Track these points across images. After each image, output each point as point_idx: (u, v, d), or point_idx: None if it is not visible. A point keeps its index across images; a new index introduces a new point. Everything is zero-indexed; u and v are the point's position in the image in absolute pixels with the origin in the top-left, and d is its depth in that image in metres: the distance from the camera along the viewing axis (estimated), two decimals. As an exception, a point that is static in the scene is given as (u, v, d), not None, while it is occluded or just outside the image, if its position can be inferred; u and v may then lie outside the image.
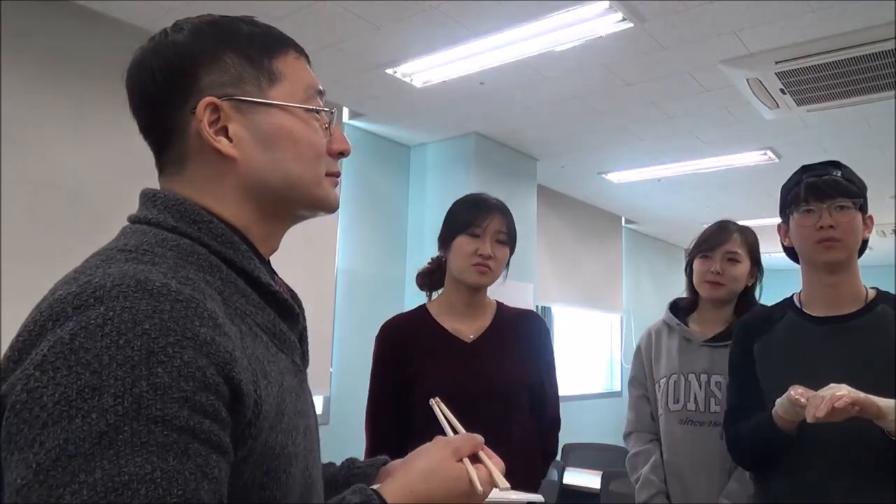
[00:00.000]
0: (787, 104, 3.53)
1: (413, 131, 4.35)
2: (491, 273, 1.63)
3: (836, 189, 1.46)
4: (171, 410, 0.51)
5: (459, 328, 1.66)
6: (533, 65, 3.26)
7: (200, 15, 0.73)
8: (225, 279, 0.66)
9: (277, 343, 0.69)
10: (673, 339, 1.89)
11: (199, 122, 0.68)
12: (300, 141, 0.72)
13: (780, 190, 1.59)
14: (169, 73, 0.68)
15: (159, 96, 0.69)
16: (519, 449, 1.58)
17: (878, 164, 4.71)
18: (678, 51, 3.08)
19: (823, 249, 1.45)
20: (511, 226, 1.68)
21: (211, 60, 0.69)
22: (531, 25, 2.84)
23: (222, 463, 0.55)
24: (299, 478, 0.66)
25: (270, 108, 0.71)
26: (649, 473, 1.81)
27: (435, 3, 2.69)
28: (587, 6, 2.68)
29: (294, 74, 0.74)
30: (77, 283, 0.56)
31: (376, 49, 3.04)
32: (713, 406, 1.76)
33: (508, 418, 1.59)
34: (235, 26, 0.72)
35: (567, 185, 5.76)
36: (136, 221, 0.69)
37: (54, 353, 0.51)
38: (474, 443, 0.79)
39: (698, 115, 3.93)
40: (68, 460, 0.47)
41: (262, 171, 0.71)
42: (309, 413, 0.73)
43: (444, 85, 3.49)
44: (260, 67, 0.71)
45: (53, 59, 2.66)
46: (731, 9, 2.69)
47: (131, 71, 0.71)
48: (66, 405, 0.49)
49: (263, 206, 0.72)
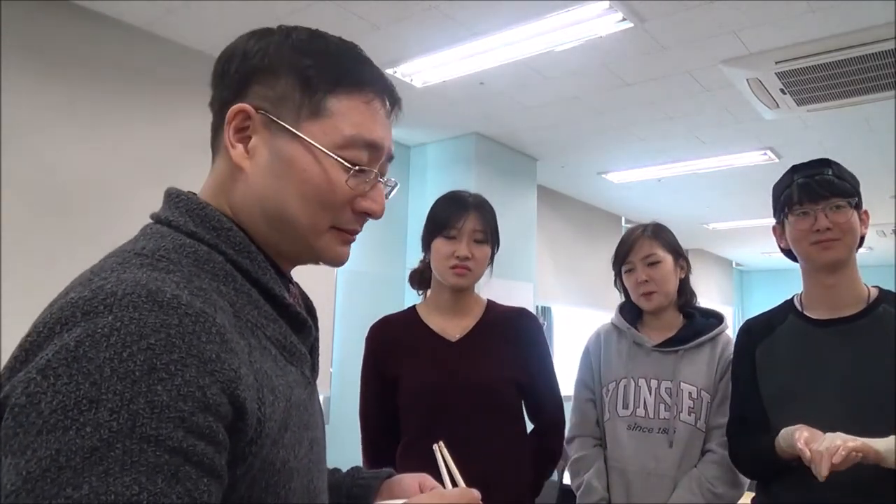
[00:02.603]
0: (787, 104, 3.53)
1: (413, 131, 4.35)
2: (470, 273, 1.60)
3: (829, 189, 1.43)
4: (165, 431, 0.50)
5: (445, 327, 1.65)
6: (533, 65, 3.26)
7: (308, 29, 0.74)
8: (238, 289, 0.65)
9: (287, 356, 0.69)
10: (623, 342, 1.84)
11: (227, 123, 0.69)
12: (308, 182, 0.69)
13: (772, 191, 1.57)
14: (233, 67, 0.71)
15: (221, 84, 0.72)
16: (503, 449, 1.57)
17: (878, 164, 4.71)
18: (678, 51, 3.08)
19: (821, 250, 1.43)
20: (490, 222, 1.63)
21: (267, 72, 0.70)
22: (531, 25, 2.84)
23: (213, 487, 0.54)
24: (301, 492, 0.66)
25: (295, 138, 0.69)
26: (592, 479, 1.76)
27: (435, 3, 2.69)
28: (587, 6, 2.68)
29: (345, 116, 0.70)
30: (90, 286, 0.56)
31: (376, 49, 3.03)
32: (662, 412, 1.72)
33: (492, 418, 1.57)
34: (316, 46, 0.71)
35: (567, 185, 5.76)
36: (157, 221, 0.69)
37: (58, 359, 0.51)
38: (470, 498, 0.77)
39: (698, 115, 3.93)
40: (58, 472, 0.47)
41: (264, 193, 0.70)
42: (316, 425, 0.73)
43: (444, 85, 3.49)
44: (309, 97, 0.69)
45: (53, 59, 2.66)
46: (731, 9, 2.69)
47: (226, 49, 0.73)
48: (63, 415, 0.49)
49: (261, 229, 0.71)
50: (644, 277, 1.77)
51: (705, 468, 1.66)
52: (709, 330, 1.77)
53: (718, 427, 1.67)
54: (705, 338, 1.76)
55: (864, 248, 1.57)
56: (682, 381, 1.73)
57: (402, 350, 1.63)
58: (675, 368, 1.74)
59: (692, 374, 1.73)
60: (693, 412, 1.70)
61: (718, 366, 1.73)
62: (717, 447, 1.66)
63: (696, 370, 1.73)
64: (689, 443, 1.69)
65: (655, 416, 1.73)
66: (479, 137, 4.38)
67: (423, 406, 1.57)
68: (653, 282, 1.77)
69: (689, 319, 1.82)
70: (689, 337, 1.77)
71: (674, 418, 1.70)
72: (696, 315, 1.82)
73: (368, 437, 1.68)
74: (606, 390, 1.82)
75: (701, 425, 1.70)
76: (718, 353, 1.74)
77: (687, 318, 1.83)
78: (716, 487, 1.63)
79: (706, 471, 1.66)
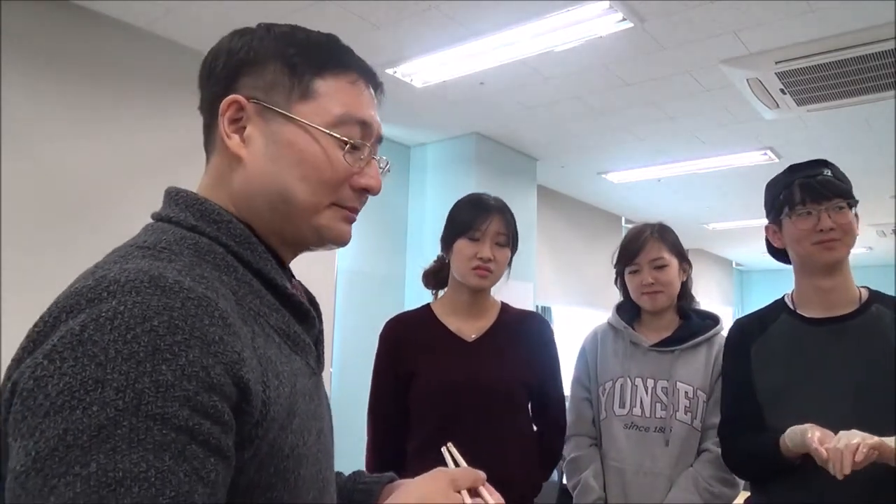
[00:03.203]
0: (787, 104, 3.53)
1: (413, 131, 4.35)
2: (492, 276, 1.63)
3: (832, 190, 1.43)
4: (171, 409, 0.51)
5: (462, 327, 1.66)
6: (533, 65, 3.26)
7: (287, 24, 0.76)
8: (240, 279, 0.66)
9: (291, 345, 0.69)
10: (619, 342, 1.85)
11: (220, 115, 0.71)
12: (306, 161, 0.70)
13: (767, 190, 1.56)
14: (220, 65, 0.73)
15: (210, 83, 0.74)
16: (515, 449, 1.59)
17: (878, 164, 4.71)
18: (678, 51, 3.08)
19: (824, 250, 1.43)
20: (512, 226, 1.67)
21: (254, 64, 0.71)
22: (531, 25, 2.84)
23: (220, 467, 0.54)
24: (311, 480, 0.66)
25: (289, 120, 0.70)
26: (589, 479, 1.77)
27: (435, 3, 2.69)
28: (587, 6, 2.68)
29: (333, 96, 0.72)
30: (94, 276, 0.57)
31: (376, 49, 3.03)
32: (658, 411, 1.73)
33: (504, 419, 1.59)
34: (298, 36, 0.74)
35: (567, 185, 5.76)
36: (158, 219, 0.70)
37: (63, 343, 0.51)
38: (475, 476, 0.77)
39: (698, 115, 3.93)
40: (66, 451, 0.48)
41: (263, 178, 0.71)
42: (323, 416, 0.73)
43: (444, 85, 3.50)
44: (298, 80, 0.71)
45: (53, 59, 2.66)
46: (731, 9, 2.69)
47: (210, 50, 0.75)
48: (70, 395, 0.49)
49: (264, 216, 0.72)
50: (650, 280, 1.78)
51: (702, 467, 1.67)
52: (705, 330, 1.79)
53: (714, 427, 1.67)
54: (701, 338, 1.77)
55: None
56: (678, 380, 1.73)
57: (417, 348, 1.64)
58: (672, 368, 1.75)
59: (688, 373, 1.74)
60: (689, 411, 1.71)
61: (714, 366, 1.74)
62: (714, 446, 1.67)
63: (693, 370, 1.74)
64: (686, 442, 1.70)
65: (652, 415, 1.73)
66: (479, 137, 4.38)
67: (438, 405, 1.58)
68: (658, 284, 1.78)
69: (686, 320, 1.83)
70: (686, 337, 1.78)
71: (670, 417, 1.71)
72: (692, 316, 1.83)
73: (377, 430, 1.68)
74: (603, 389, 1.82)
75: (697, 424, 1.71)
76: (714, 354, 1.75)
77: (683, 318, 1.83)
78: (713, 486, 1.64)
79: (703, 470, 1.66)
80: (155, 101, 2.94)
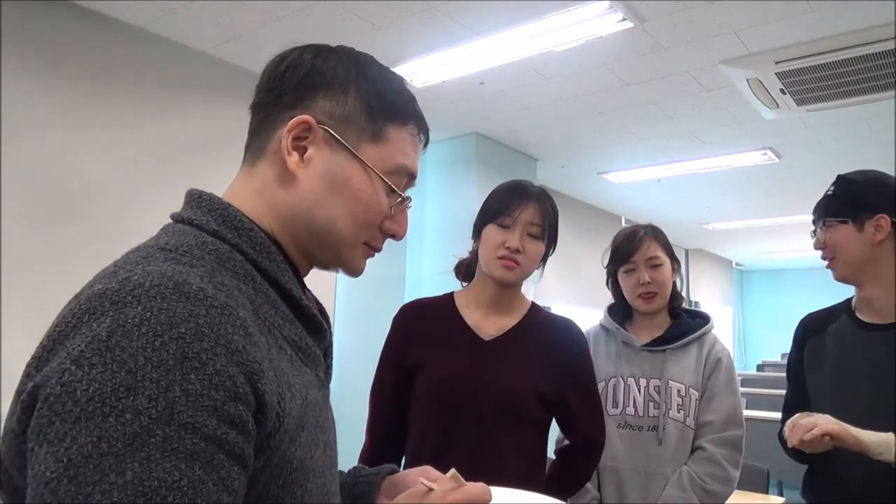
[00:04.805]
0: (787, 104, 3.53)
1: (413, 131, 4.35)
2: (519, 268, 1.46)
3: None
4: (201, 418, 0.51)
5: (481, 324, 1.51)
6: (533, 65, 3.26)
7: (368, 55, 0.78)
8: (257, 288, 0.66)
9: (302, 357, 0.70)
10: (611, 343, 1.86)
11: (287, 130, 0.71)
12: (359, 200, 0.73)
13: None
14: (296, 79, 0.73)
15: (275, 92, 0.74)
16: (517, 467, 1.42)
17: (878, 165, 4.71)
18: (678, 51, 3.08)
19: None
20: (549, 218, 1.51)
21: (336, 90, 0.73)
22: (531, 25, 2.84)
23: (242, 476, 0.55)
24: (317, 493, 0.66)
25: (354, 158, 0.73)
26: None
27: (435, 3, 2.69)
28: (587, 6, 2.68)
29: (397, 147, 0.76)
30: (116, 278, 0.56)
31: (376, 49, 3.03)
32: (651, 410, 1.74)
33: (506, 425, 1.43)
34: (380, 76, 0.76)
35: (567, 185, 5.77)
36: (178, 221, 0.70)
37: (91, 348, 0.51)
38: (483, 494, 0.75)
39: (698, 115, 3.93)
40: (100, 458, 0.48)
41: (313, 203, 0.72)
42: (329, 429, 0.73)
43: (444, 85, 3.50)
44: (371, 122, 0.74)
45: (53, 59, 2.66)
46: (731, 9, 2.69)
47: (281, 54, 0.75)
48: (101, 402, 0.49)
49: (300, 235, 0.73)
50: (647, 279, 1.78)
51: (696, 465, 1.68)
52: (695, 329, 1.80)
53: (707, 424, 1.70)
54: (692, 337, 1.79)
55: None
56: (670, 378, 1.75)
57: (428, 338, 1.51)
58: (663, 367, 1.76)
59: (680, 372, 1.75)
60: (682, 409, 1.72)
61: (706, 364, 1.75)
62: (708, 444, 1.68)
63: (684, 368, 1.76)
64: (679, 440, 1.71)
65: (645, 413, 1.75)
66: (479, 137, 4.38)
67: (436, 404, 1.45)
68: (655, 284, 1.78)
69: (677, 319, 1.84)
70: (677, 336, 1.79)
71: (663, 416, 1.72)
72: (682, 315, 1.85)
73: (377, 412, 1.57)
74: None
75: (690, 422, 1.72)
76: (705, 352, 1.77)
77: (674, 318, 1.85)
78: (707, 484, 1.64)
79: (697, 468, 1.67)
80: (155, 102, 2.93)
